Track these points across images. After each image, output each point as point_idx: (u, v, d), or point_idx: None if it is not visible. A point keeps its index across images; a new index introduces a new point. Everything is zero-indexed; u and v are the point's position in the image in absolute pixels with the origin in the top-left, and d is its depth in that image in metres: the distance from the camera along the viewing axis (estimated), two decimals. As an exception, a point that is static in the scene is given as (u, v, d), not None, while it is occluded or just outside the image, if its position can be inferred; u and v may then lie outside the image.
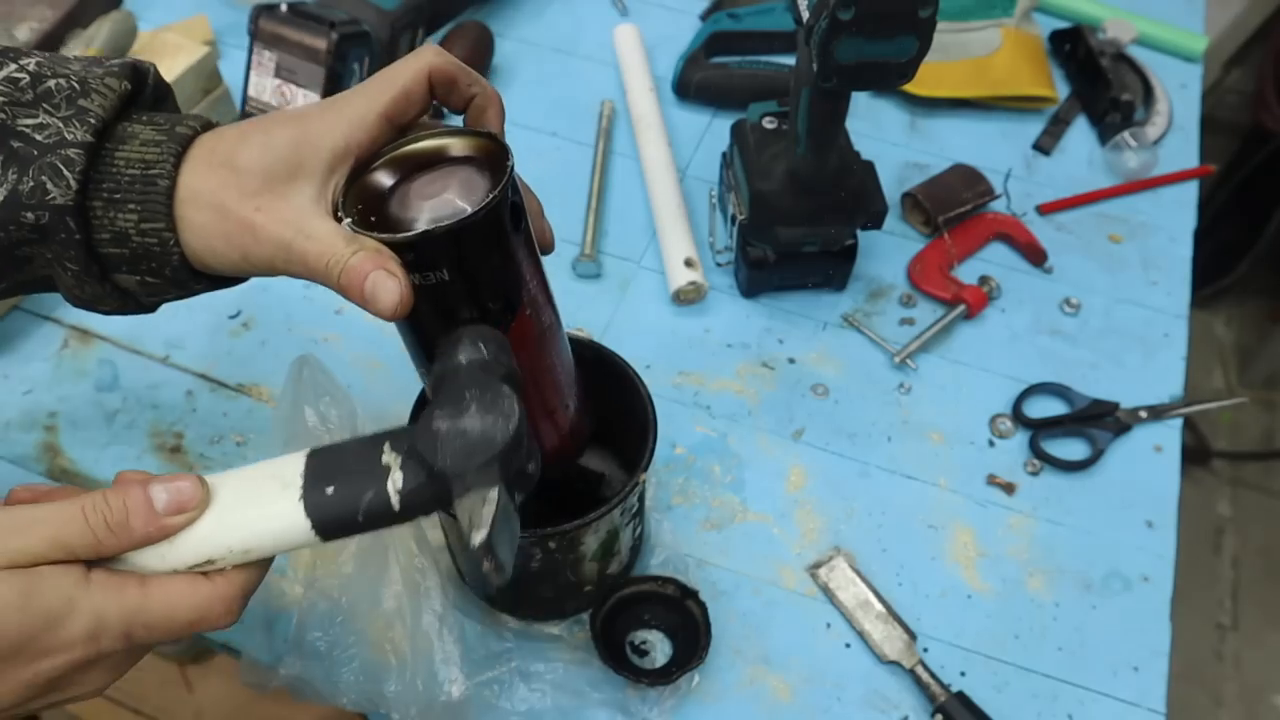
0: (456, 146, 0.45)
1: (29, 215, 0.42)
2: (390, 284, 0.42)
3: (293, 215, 0.43)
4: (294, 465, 0.42)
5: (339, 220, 0.43)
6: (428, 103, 0.46)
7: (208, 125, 0.46)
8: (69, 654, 0.39)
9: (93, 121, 0.43)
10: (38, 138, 0.42)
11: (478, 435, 0.39)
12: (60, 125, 0.43)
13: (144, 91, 0.47)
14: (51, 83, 0.43)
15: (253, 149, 0.43)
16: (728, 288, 0.84)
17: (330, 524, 0.41)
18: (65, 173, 0.42)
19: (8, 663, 0.38)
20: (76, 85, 0.44)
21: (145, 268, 0.45)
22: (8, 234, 0.43)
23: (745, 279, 0.82)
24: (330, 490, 0.41)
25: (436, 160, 0.45)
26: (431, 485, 0.40)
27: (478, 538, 0.38)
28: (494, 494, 0.38)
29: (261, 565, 0.43)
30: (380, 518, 0.41)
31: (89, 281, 0.45)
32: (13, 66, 0.44)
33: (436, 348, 0.44)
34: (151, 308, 0.49)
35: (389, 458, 0.41)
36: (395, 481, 0.40)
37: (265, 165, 0.43)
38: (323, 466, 0.41)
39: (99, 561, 0.41)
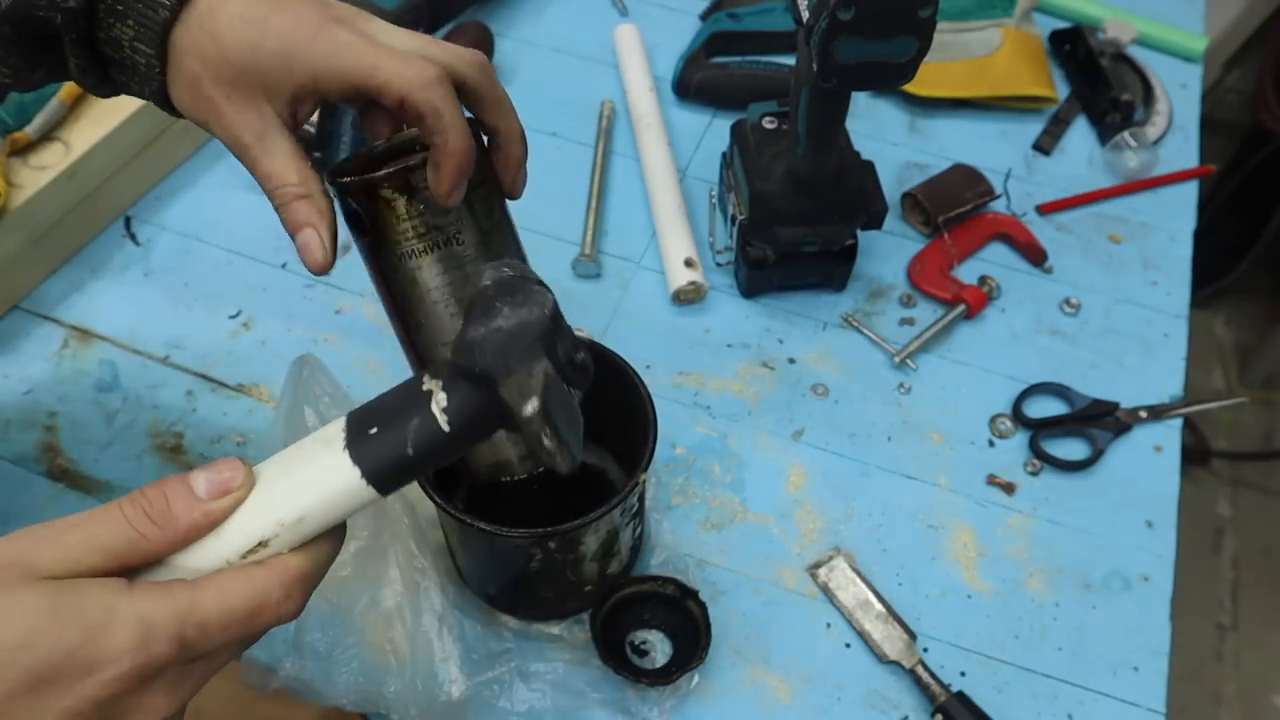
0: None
1: (41, 13, 0.44)
2: (316, 244, 0.46)
3: (257, 122, 0.44)
4: (335, 426, 0.39)
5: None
6: (396, 114, 0.46)
7: None
8: (116, 667, 0.34)
9: None
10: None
11: (514, 326, 0.37)
12: None
13: None
14: None
15: (240, 40, 0.44)
16: (728, 288, 0.84)
17: (382, 468, 0.38)
18: None
19: (47, 688, 0.33)
20: None
21: (134, 83, 0.47)
22: (28, 26, 0.45)
23: (745, 279, 0.82)
24: (374, 432, 0.38)
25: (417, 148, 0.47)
26: (478, 393, 0.37)
27: (530, 407, 0.35)
28: (540, 367, 0.36)
29: (322, 544, 0.39)
30: (434, 447, 0.38)
31: (91, 73, 0.47)
32: None
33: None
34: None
35: (429, 384, 0.38)
36: (439, 402, 0.38)
37: (243, 63, 0.44)
38: (364, 416, 0.39)
39: (143, 573, 0.37)
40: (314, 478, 0.38)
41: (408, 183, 0.46)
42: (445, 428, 0.38)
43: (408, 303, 0.50)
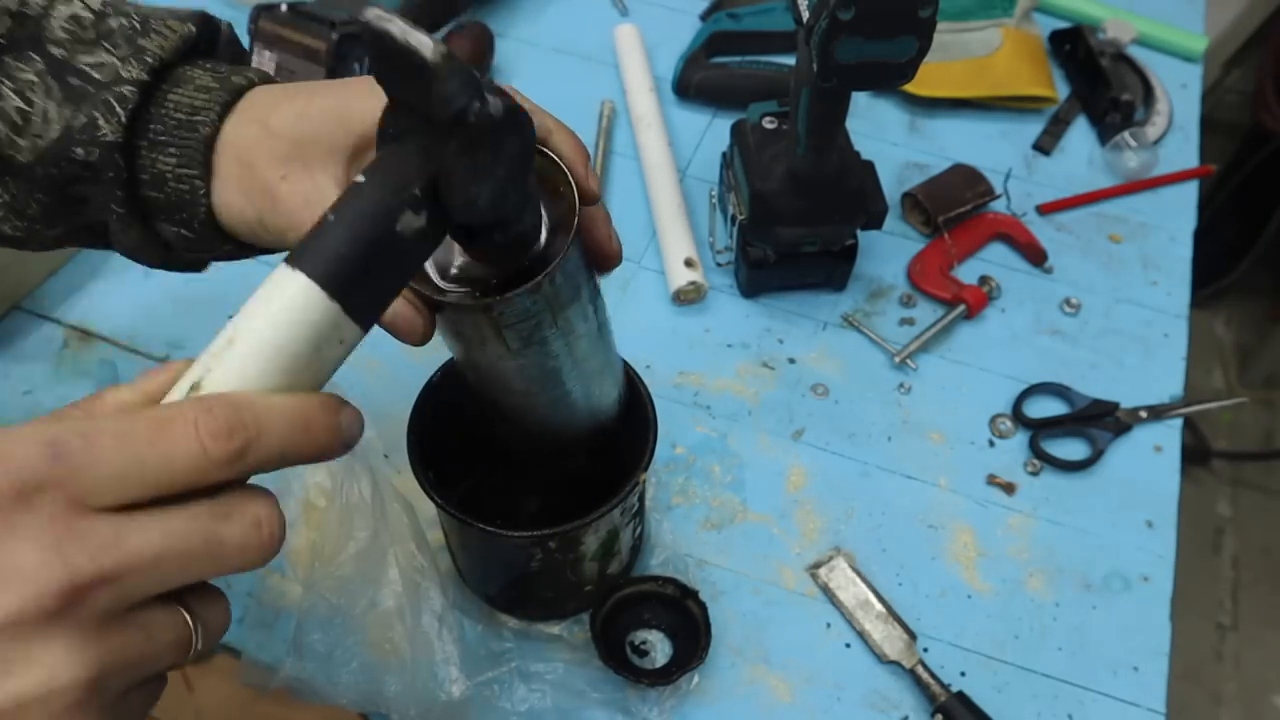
0: None
1: (79, 151, 0.42)
2: (407, 313, 0.40)
3: (315, 195, 0.41)
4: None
5: None
6: None
7: (266, 79, 0.45)
8: None
9: (149, 60, 0.42)
10: (95, 75, 0.42)
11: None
12: (118, 63, 0.42)
13: (216, 43, 0.46)
14: (114, 21, 0.43)
15: (288, 113, 0.42)
16: (728, 288, 0.84)
17: (304, 250, 0.31)
18: (118, 109, 0.42)
19: None
20: (138, 24, 0.43)
21: (179, 218, 0.44)
22: (60, 170, 0.42)
23: (745, 279, 0.82)
24: (313, 231, 0.32)
25: None
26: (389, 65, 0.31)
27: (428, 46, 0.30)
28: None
29: (291, 398, 0.31)
30: (356, 206, 0.32)
31: (133, 226, 0.44)
32: (79, 4, 0.44)
33: None
34: (196, 265, 0.49)
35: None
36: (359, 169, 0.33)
37: (297, 132, 0.42)
38: None
39: None
40: (252, 301, 0.31)
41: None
42: (360, 179, 0.32)
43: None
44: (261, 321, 0.31)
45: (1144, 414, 0.77)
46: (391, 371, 0.77)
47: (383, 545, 0.62)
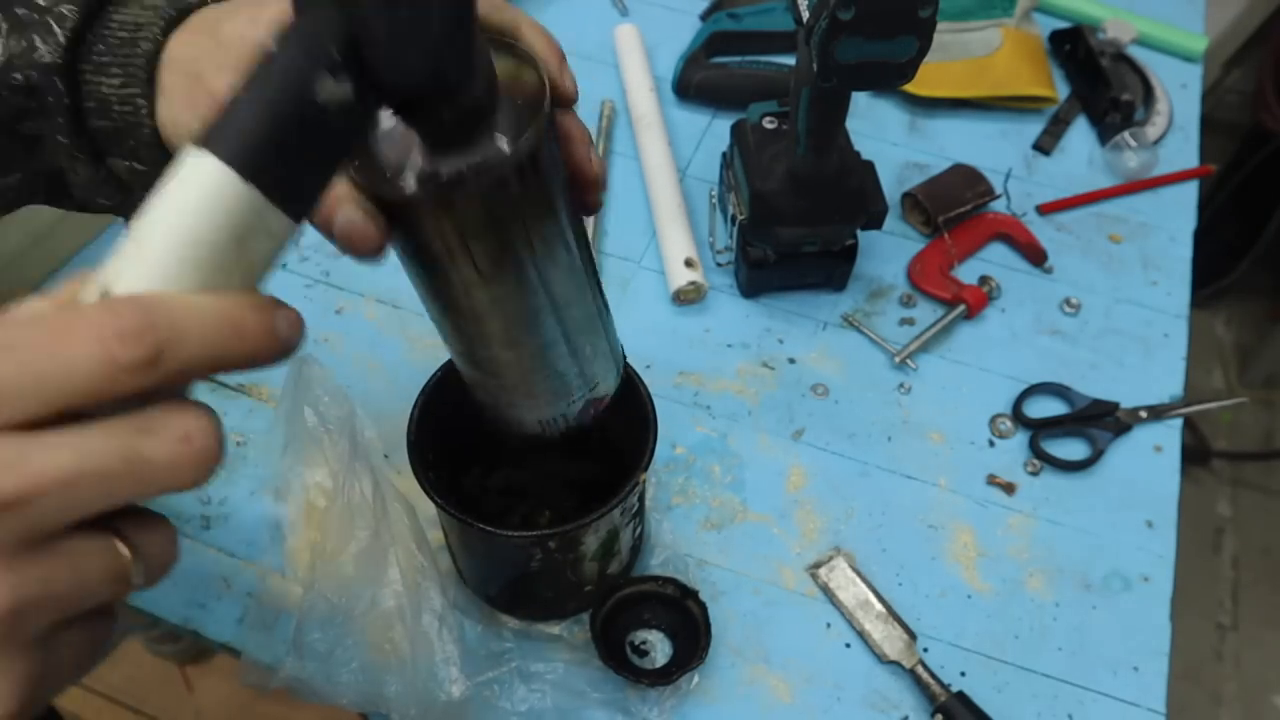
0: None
1: (18, 76, 0.40)
2: (357, 218, 0.36)
3: None
4: None
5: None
6: None
7: None
8: None
9: None
10: (40, 2, 0.41)
11: None
12: None
13: None
14: None
15: (238, 21, 0.40)
16: (728, 288, 0.84)
17: (211, 129, 0.27)
18: (55, 29, 0.40)
19: None
20: None
21: (127, 145, 0.42)
22: (3, 101, 0.41)
23: (745, 279, 0.82)
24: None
25: None
26: None
27: None
28: None
29: (212, 297, 0.27)
30: (265, 74, 0.28)
31: (81, 160, 0.42)
32: None
33: None
34: None
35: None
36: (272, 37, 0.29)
37: (248, 40, 0.40)
38: None
39: None
40: (160, 194, 0.28)
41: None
42: (270, 45, 0.28)
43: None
44: (173, 214, 0.27)
45: (1144, 414, 0.77)
46: (391, 372, 0.77)
47: (384, 545, 0.62)
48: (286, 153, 0.28)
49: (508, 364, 0.45)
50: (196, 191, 0.27)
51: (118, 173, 0.44)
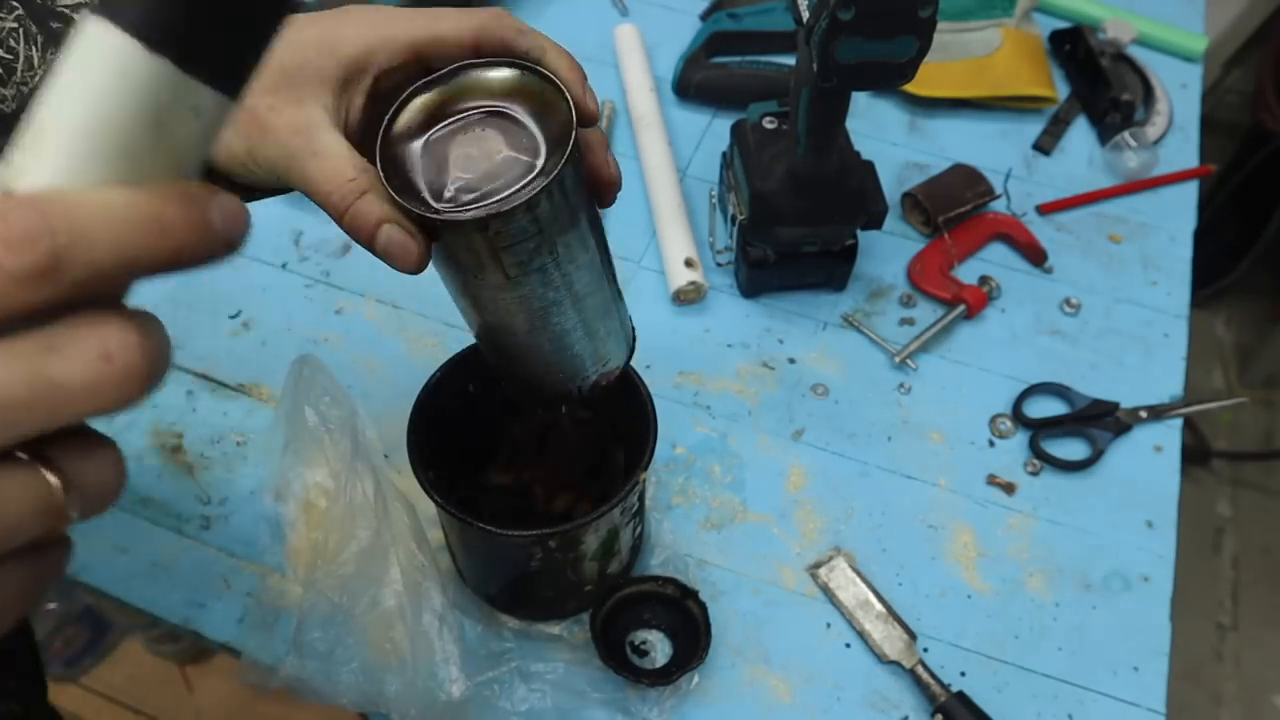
0: (502, 84, 0.41)
1: None
2: (401, 238, 0.39)
3: (303, 123, 0.41)
4: None
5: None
6: (467, 56, 0.43)
7: None
8: None
9: None
10: (75, 16, 0.42)
11: None
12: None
13: None
14: None
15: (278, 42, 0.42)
16: (728, 288, 0.84)
17: None
18: None
19: None
20: None
21: None
22: None
23: (745, 279, 0.82)
24: None
25: (478, 94, 0.41)
26: None
27: None
28: None
29: (122, 191, 0.23)
30: None
31: None
32: None
33: None
34: None
35: None
36: None
37: (285, 62, 0.41)
38: None
39: None
40: (60, 74, 0.23)
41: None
42: None
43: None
44: (73, 99, 0.23)
45: (1144, 414, 0.77)
46: (391, 371, 0.77)
47: (384, 545, 0.62)
48: (198, 15, 0.23)
49: (528, 349, 0.48)
50: (98, 69, 0.23)
51: None
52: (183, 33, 0.23)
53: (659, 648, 0.66)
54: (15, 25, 0.43)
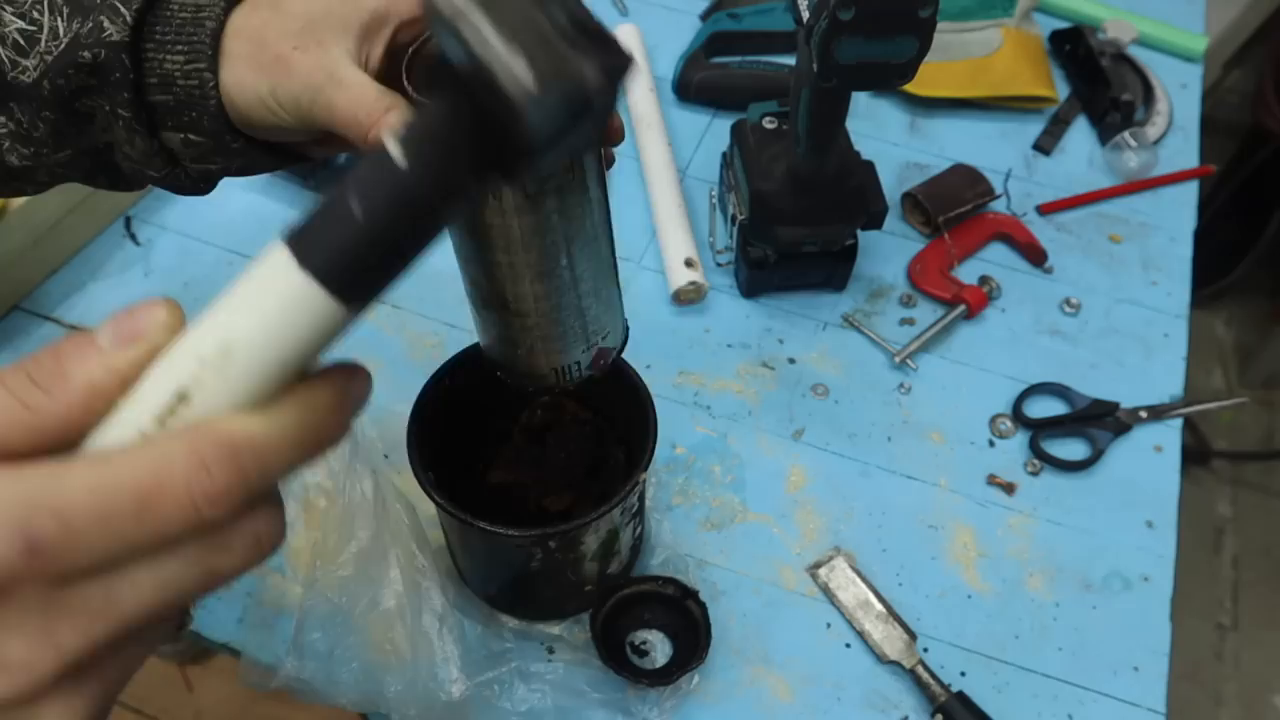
0: None
1: (86, 55, 0.43)
2: None
3: (327, 61, 0.43)
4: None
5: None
6: None
7: None
8: None
9: None
10: None
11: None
12: None
13: None
14: None
15: None
16: (728, 288, 0.84)
17: (327, 251, 0.26)
18: (123, 10, 0.44)
19: None
20: None
21: (187, 119, 0.45)
22: (67, 80, 0.44)
23: (745, 279, 0.82)
24: (314, 213, 0.27)
25: None
26: (451, 95, 0.27)
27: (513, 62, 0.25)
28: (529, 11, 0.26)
29: (285, 406, 0.27)
30: (392, 198, 0.26)
31: (139, 134, 0.46)
32: None
33: None
34: (201, 185, 0.50)
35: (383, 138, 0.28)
36: (393, 134, 0.27)
37: (308, 9, 0.44)
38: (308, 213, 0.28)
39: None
40: (244, 294, 0.27)
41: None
42: (401, 161, 0.26)
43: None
44: (260, 329, 0.26)
45: (1144, 414, 0.77)
46: (391, 371, 0.77)
47: (384, 545, 0.62)
48: (380, 261, 0.27)
49: (537, 298, 0.47)
50: (284, 305, 0.26)
51: (170, 146, 0.47)
52: (351, 279, 0.26)
53: (659, 648, 0.66)
54: None
